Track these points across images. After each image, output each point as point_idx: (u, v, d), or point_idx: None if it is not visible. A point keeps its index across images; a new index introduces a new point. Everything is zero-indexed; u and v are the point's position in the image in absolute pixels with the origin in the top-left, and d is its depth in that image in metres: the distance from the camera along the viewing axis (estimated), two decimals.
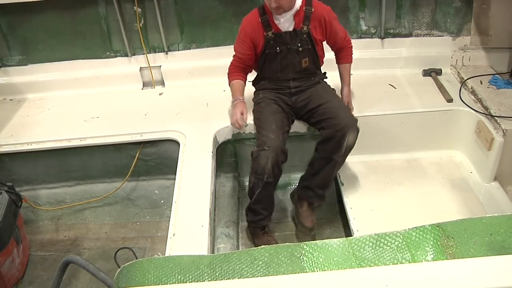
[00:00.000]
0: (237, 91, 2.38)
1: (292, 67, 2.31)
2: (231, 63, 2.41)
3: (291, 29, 2.23)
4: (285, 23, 2.21)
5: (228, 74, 2.42)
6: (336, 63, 2.47)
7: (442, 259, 1.25)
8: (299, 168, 2.66)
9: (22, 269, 2.38)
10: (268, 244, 2.27)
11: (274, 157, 2.10)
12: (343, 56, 2.43)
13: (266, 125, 2.22)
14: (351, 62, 2.45)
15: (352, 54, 2.45)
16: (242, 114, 2.36)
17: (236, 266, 1.28)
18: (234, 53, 2.39)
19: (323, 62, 2.42)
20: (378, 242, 1.29)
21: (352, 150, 2.50)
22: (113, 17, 2.89)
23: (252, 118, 2.42)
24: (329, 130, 2.19)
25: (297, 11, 2.19)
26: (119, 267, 1.33)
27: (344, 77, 2.45)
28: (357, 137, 2.19)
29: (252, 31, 2.24)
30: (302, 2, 2.19)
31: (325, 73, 2.47)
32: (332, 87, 2.46)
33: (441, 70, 2.86)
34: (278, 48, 2.25)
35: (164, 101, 2.87)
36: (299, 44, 2.24)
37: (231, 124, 2.42)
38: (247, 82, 2.46)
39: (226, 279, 1.26)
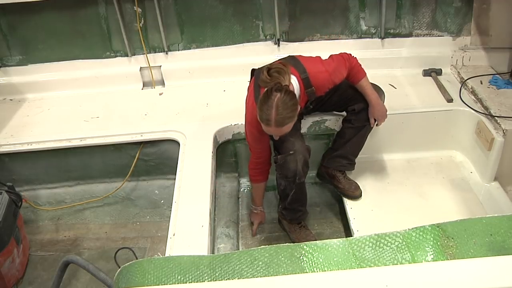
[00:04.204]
0: (257, 198, 2.47)
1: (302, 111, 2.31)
2: (250, 162, 2.32)
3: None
4: None
5: (249, 174, 2.38)
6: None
7: (442, 260, 1.25)
8: None
9: (22, 269, 2.38)
10: (306, 238, 2.34)
11: (302, 158, 2.11)
12: (352, 75, 2.18)
13: None
14: (364, 75, 2.19)
15: (359, 69, 2.18)
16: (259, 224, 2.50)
17: (236, 267, 1.28)
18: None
19: None
20: (378, 243, 1.29)
21: None
22: (113, 17, 2.89)
23: None
24: (359, 103, 2.21)
25: (300, 97, 2.04)
26: (119, 267, 1.33)
27: (367, 93, 2.18)
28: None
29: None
30: (300, 88, 2.04)
31: None
32: None
33: (441, 70, 2.86)
34: None
35: (164, 101, 2.86)
36: (311, 106, 2.28)
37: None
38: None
39: (226, 279, 1.26)
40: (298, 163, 2.11)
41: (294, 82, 2.02)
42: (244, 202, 2.73)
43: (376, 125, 2.30)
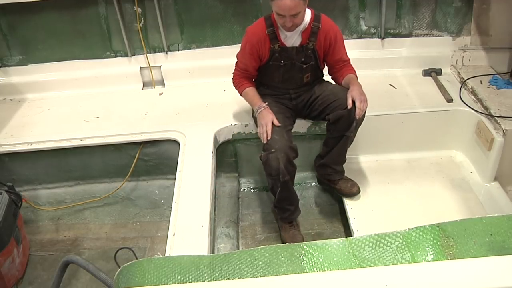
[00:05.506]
0: (255, 98, 2.27)
1: (294, 82, 2.30)
2: (235, 73, 2.35)
3: (297, 44, 2.18)
4: (291, 38, 2.17)
5: (236, 84, 2.35)
6: (338, 83, 2.32)
7: (442, 260, 1.25)
8: (301, 168, 2.65)
9: (22, 269, 2.38)
10: (293, 238, 2.33)
11: (284, 156, 2.11)
12: (345, 70, 2.28)
13: None
14: (355, 74, 2.27)
15: (354, 71, 2.29)
16: (272, 122, 2.16)
17: (236, 266, 1.28)
18: (235, 59, 2.34)
19: (323, 73, 2.39)
20: (378, 242, 1.29)
21: (352, 150, 2.52)
22: (113, 17, 2.89)
23: (254, 122, 2.43)
24: (335, 112, 2.19)
25: (305, 28, 2.15)
26: (119, 267, 1.33)
27: (352, 82, 2.20)
28: (365, 109, 2.16)
29: (258, 44, 2.18)
30: (310, 18, 2.15)
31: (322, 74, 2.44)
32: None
33: (441, 70, 2.86)
34: (282, 61, 2.21)
35: (164, 101, 2.86)
36: (303, 59, 2.22)
37: (260, 133, 2.18)
38: None
39: (226, 279, 1.26)
40: (280, 161, 2.10)
41: (308, 12, 2.13)
42: (244, 202, 2.73)
43: (355, 111, 2.10)
